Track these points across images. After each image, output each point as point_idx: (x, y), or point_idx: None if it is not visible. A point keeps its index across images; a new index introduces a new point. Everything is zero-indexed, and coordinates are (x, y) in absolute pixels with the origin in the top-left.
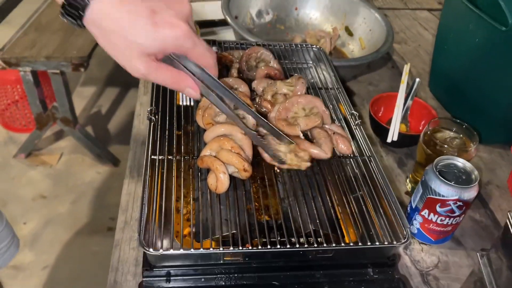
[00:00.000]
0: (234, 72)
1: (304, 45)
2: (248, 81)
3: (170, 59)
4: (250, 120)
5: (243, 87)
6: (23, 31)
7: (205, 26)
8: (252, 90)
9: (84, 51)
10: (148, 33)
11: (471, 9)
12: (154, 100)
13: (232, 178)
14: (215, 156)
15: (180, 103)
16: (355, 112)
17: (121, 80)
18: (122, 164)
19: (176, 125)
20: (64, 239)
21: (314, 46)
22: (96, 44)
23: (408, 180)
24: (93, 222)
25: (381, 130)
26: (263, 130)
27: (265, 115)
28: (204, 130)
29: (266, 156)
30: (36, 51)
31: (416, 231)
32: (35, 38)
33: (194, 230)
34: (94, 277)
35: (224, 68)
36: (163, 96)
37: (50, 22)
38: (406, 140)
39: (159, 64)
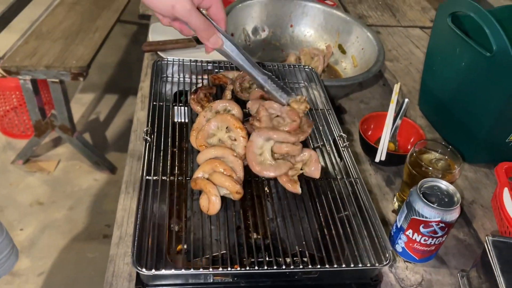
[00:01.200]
0: (228, 93)
1: (297, 66)
2: (242, 102)
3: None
4: (241, 143)
5: (236, 110)
6: (23, 40)
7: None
8: (246, 112)
9: (84, 61)
10: None
11: (458, 34)
12: (150, 119)
13: (223, 198)
14: (207, 179)
15: (176, 120)
16: (343, 134)
17: (120, 87)
18: (119, 171)
19: (171, 142)
20: (60, 245)
21: (307, 67)
22: (96, 54)
23: (395, 199)
24: (90, 228)
25: (370, 149)
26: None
27: None
28: (198, 150)
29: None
30: (36, 60)
31: (401, 250)
32: (36, 47)
33: (185, 248)
34: (90, 283)
35: (218, 89)
36: (159, 115)
37: (51, 31)
38: (394, 160)
39: (196, 8)
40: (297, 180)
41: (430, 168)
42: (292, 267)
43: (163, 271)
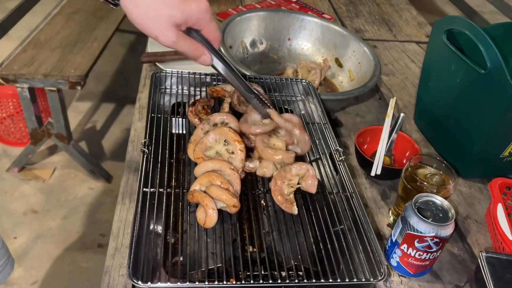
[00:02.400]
0: (226, 106)
1: (294, 79)
2: (240, 115)
3: (188, 33)
4: (239, 156)
5: (233, 123)
6: (22, 48)
7: None
8: None
9: (82, 70)
10: (177, 6)
11: (453, 51)
12: (148, 131)
13: (219, 211)
14: (204, 191)
15: (173, 131)
16: (340, 149)
17: (117, 96)
18: (114, 180)
19: (169, 153)
20: (54, 254)
21: (304, 80)
22: (94, 63)
23: (390, 213)
24: (84, 238)
25: (366, 163)
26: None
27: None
28: (195, 162)
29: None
30: (34, 69)
31: (396, 264)
32: (34, 55)
33: (181, 261)
34: None
35: (216, 102)
36: (157, 127)
37: (49, 40)
38: (390, 174)
39: (183, 34)
40: (293, 200)
41: (425, 183)
42: (287, 281)
43: (159, 284)
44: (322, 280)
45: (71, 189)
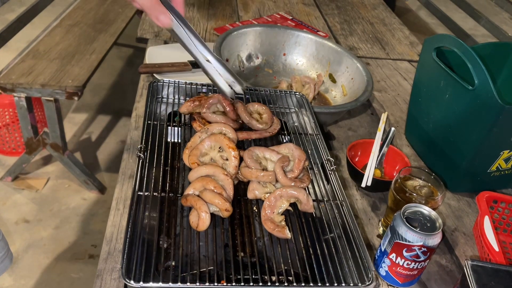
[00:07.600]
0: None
1: (288, 92)
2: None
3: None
4: (233, 163)
5: (231, 133)
6: (20, 58)
7: (197, 66)
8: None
9: (79, 81)
10: None
11: (442, 68)
12: (144, 137)
13: (212, 215)
14: (198, 195)
15: (169, 140)
16: (331, 158)
17: (113, 108)
18: (108, 191)
19: (164, 161)
20: (44, 264)
21: (298, 93)
22: (91, 75)
23: (380, 224)
24: (75, 248)
25: (357, 175)
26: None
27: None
28: (189, 168)
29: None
30: (32, 78)
31: (384, 274)
32: (32, 66)
33: (174, 264)
34: None
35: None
36: (153, 134)
37: (48, 51)
38: (380, 185)
39: None
40: (285, 225)
41: (414, 194)
42: (277, 284)
43: (151, 284)
44: (311, 284)
45: (64, 200)
